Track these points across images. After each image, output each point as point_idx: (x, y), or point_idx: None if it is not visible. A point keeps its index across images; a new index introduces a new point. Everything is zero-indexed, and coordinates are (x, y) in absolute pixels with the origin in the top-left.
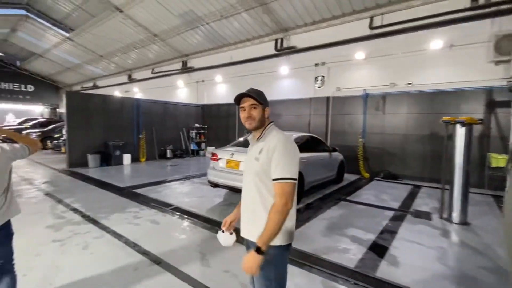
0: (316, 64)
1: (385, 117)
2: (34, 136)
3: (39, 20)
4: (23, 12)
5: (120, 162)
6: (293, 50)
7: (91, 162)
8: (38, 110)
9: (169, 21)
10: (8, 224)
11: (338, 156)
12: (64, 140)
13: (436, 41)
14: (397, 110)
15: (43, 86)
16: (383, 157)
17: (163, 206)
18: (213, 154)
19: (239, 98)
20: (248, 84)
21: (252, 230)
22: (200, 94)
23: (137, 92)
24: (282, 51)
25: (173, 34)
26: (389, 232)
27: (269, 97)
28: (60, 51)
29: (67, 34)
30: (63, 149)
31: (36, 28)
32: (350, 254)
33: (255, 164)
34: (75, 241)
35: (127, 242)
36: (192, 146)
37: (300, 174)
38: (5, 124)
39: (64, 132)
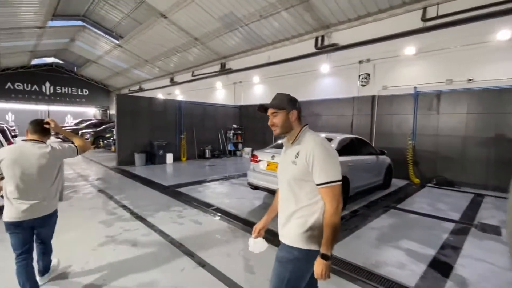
0: (360, 62)
1: (439, 117)
2: (88, 136)
3: (94, 29)
4: (80, 23)
5: (163, 161)
6: (334, 48)
7: (137, 160)
8: (91, 112)
9: (209, 24)
10: (56, 210)
11: (385, 159)
12: (114, 139)
13: (502, 31)
14: (455, 110)
15: (96, 90)
16: (437, 162)
17: (204, 206)
18: (253, 156)
19: (264, 109)
20: (285, 84)
21: (285, 234)
22: (237, 95)
23: (178, 95)
24: (323, 49)
25: (212, 37)
26: (452, 248)
27: (308, 97)
28: (110, 57)
29: (117, 41)
30: (113, 148)
31: (91, 37)
32: (407, 270)
33: (293, 168)
34: (125, 237)
35: (173, 242)
36: (229, 147)
37: (345, 178)
38: (64, 124)
39: (114, 132)
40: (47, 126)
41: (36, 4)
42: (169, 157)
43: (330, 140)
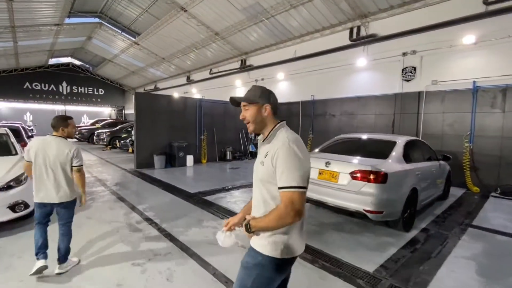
0: (404, 54)
1: (505, 116)
2: (104, 136)
3: (110, 26)
4: (97, 20)
5: (183, 163)
6: (373, 39)
7: (157, 163)
8: (107, 112)
9: (232, 16)
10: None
11: (445, 166)
12: (130, 140)
13: None
14: None
15: (111, 90)
16: (501, 167)
17: None
18: None
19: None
20: (313, 81)
21: (253, 236)
22: None
23: (195, 93)
24: (359, 40)
25: (234, 30)
26: None
27: (339, 94)
28: (126, 56)
29: (133, 39)
30: (130, 149)
31: (108, 35)
32: None
33: (260, 169)
34: (157, 267)
35: (217, 275)
36: (251, 148)
37: (414, 190)
38: (81, 124)
39: (131, 132)
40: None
41: (53, 0)
42: (189, 159)
43: (391, 143)
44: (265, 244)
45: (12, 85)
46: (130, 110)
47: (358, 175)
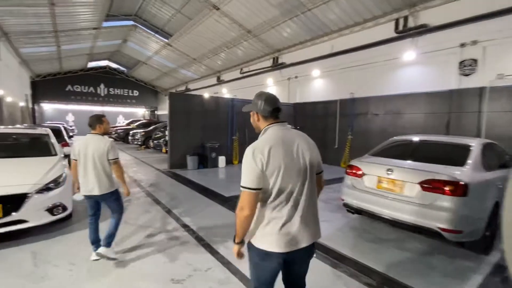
0: (462, 45)
1: None
2: (139, 136)
3: (144, 29)
4: (132, 22)
5: (215, 164)
6: (424, 30)
7: (189, 163)
8: (141, 112)
9: (265, 12)
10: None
11: None
12: (164, 140)
13: None
14: None
15: (145, 91)
16: None
17: None
18: (353, 168)
19: None
20: (352, 77)
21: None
22: (291, 92)
23: (225, 94)
24: (406, 32)
25: (267, 27)
26: None
27: (382, 91)
28: (159, 57)
29: (166, 40)
30: (163, 150)
31: (142, 37)
32: None
33: None
34: (198, 284)
35: None
36: None
37: (497, 204)
38: (116, 124)
39: (164, 132)
40: None
41: (91, 4)
42: (222, 160)
43: (464, 147)
44: (249, 231)
45: (55, 87)
46: (162, 111)
47: (431, 185)
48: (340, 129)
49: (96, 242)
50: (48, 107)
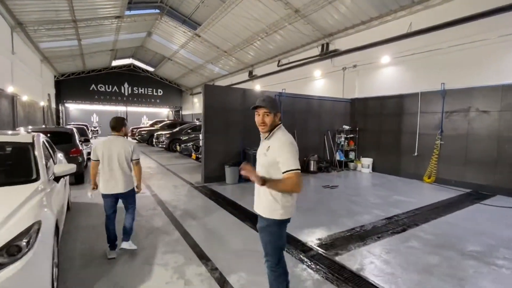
0: None
1: None
2: (163, 138)
3: (170, 18)
4: (157, 11)
5: None
6: None
7: (228, 176)
8: (165, 113)
9: None
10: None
11: None
12: (193, 144)
13: None
14: None
15: (170, 90)
16: None
17: None
18: None
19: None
20: (441, 62)
21: (259, 207)
22: (348, 84)
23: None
24: None
25: (321, 2)
26: None
27: (495, 79)
28: (186, 52)
29: (194, 31)
30: (193, 156)
31: (167, 27)
32: None
33: (263, 159)
34: None
35: None
36: (338, 156)
37: None
38: (140, 125)
39: (194, 135)
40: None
41: None
42: None
43: None
44: (269, 212)
45: (79, 87)
46: (187, 110)
47: None
48: (421, 131)
49: (114, 241)
50: (73, 107)
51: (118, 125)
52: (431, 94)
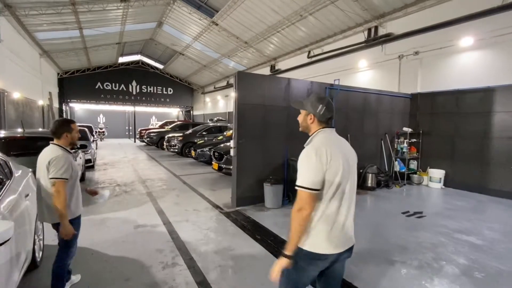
0: None
1: None
2: (175, 141)
3: (185, 3)
4: None
5: None
6: None
7: (269, 197)
8: (175, 113)
9: None
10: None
11: None
12: (212, 149)
13: None
14: None
15: (180, 89)
16: None
17: None
18: None
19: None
20: None
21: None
22: (406, 76)
23: None
24: None
25: None
26: None
27: None
28: (200, 44)
29: (211, 18)
30: (215, 165)
31: (181, 15)
32: None
33: None
34: None
35: None
36: (397, 165)
37: None
38: (149, 126)
39: (232, 144)
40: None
41: None
42: None
43: None
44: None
45: (84, 85)
46: (198, 110)
47: None
48: None
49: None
50: (78, 107)
51: (58, 130)
52: None
